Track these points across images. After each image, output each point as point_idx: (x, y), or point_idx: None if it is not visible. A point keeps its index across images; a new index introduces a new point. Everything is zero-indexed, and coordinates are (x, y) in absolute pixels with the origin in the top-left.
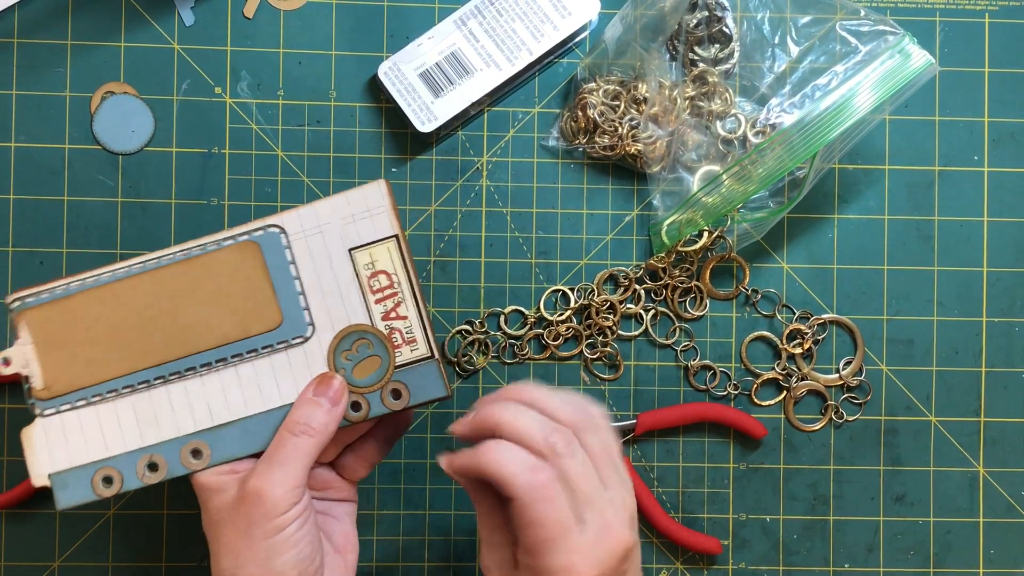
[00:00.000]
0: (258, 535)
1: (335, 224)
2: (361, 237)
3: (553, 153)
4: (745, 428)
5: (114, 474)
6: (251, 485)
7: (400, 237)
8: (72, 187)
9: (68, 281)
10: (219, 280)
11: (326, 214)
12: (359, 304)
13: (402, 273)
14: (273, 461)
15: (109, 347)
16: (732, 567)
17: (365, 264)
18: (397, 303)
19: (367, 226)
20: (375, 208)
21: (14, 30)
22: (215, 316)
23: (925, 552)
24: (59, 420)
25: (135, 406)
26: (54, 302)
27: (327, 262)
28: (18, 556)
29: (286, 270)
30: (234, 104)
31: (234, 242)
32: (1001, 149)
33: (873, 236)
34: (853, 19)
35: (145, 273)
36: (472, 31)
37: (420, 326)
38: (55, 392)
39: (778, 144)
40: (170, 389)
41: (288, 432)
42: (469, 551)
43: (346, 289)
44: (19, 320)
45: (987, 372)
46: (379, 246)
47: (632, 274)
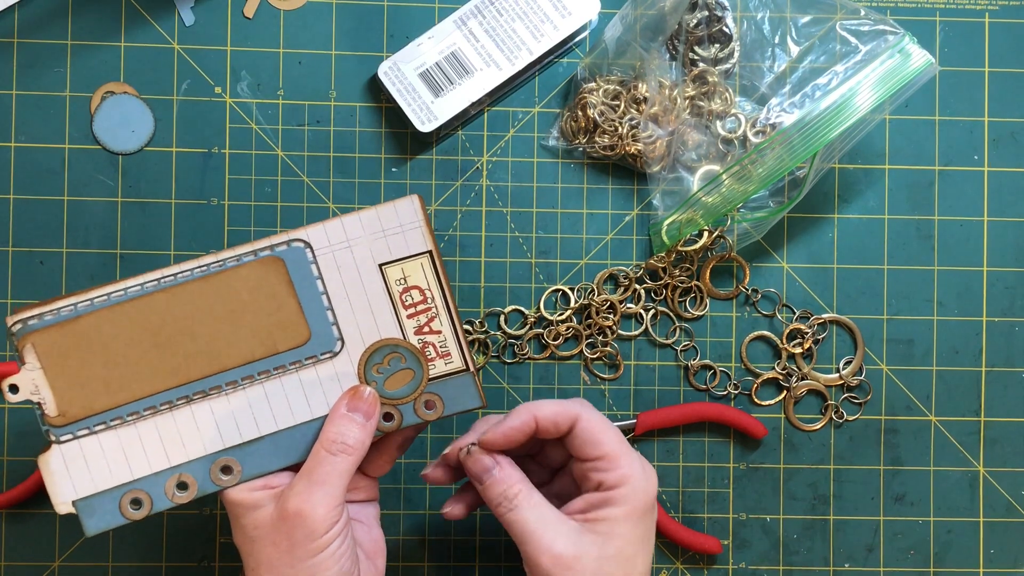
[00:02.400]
0: (301, 555)
1: (364, 239)
2: (392, 252)
3: (553, 153)
4: (745, 428)
5: (143, 496)
6: (292, 506)
7: (434, 252)
8: (72, 187)
9: (75, 300)
10: (241, 297)
11: (355, 229)
12: (390, 318)
13: (436, 289)
14: (313, 481)
15: (126, 368)
16: (732, 567)
17: (397, 279)
18: (431, 318)
19: (398, 241)
20: (407, 224)
21: (14, 30)
22: (238, 334)
23: (925, 552)
24: (77, 445)
25: (158, 427)
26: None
27: (356, 277)
28: (18, 556)
29: (313, 285)
30: (234, 104)
31: (255, 257)
32: (1001, 149)
33: (873, 236)
34: (853, 19)
35: (161, 291)
36: (472, 31)
37: (455, 340)
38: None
39: (778, 144)
40: (194, 408)
41: (325, 451)
42: (469, 551)
43: (376, 304)
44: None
45: (987, 372)
46: (411, 261)
47: (632, 274)
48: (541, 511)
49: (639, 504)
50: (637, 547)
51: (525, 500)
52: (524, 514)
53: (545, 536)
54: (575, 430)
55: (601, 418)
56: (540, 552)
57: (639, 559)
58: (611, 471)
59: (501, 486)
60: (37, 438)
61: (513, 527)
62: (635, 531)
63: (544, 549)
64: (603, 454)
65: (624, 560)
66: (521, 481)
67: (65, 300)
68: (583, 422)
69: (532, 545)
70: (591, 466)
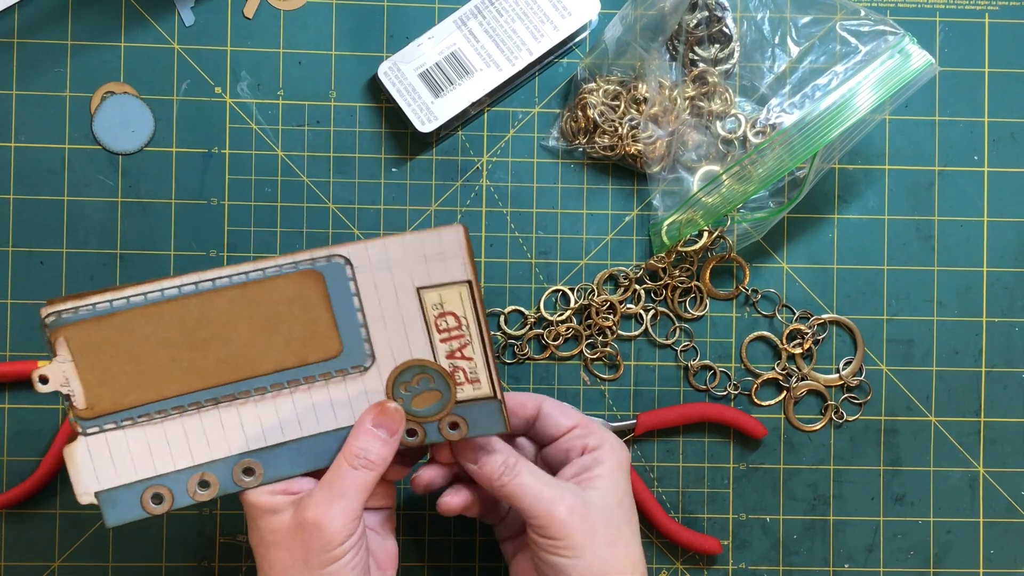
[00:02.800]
0: (315, 564)
1: (405, 262)
2: (431, 278)
3: (553, 153)
4: (745, 428)
5: (164, 492)
6: (311, 516)
7: (473, 283)
8: (72, 187)
9: (111, 297)
10: (277, 307)
11: (396, 251)
12: (423, 340)
13: (472, 318)
14: (333, 492)
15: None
16: (732, 567)
17: (433, 304)
18: (464, 344)
19: (439, 268)
20: (450, 252)
21: (14, 30)
22: (271, 342)
23: (925, 552)
24: (103, 439)
25: (185, 427)
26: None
27: (393, 297)
28: (18, 556)
29: (349, 302)
30: (234, 104)
31: (295, 269)
32: (1001, 149)
33: (873, 236)
34: (853, 19)
35: (197, 295)
36: (472, 31)
37: (485, 368)
38: (99, 411)
39: (778, 144)
40: (222, 411)
41: (348, 464)
42: (469, 551)
43: (411, 325)
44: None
45: (987, 372)
46: (450, 289)
47: (632, 274)
48: (542, 474)
49: (621, 459)
50: (630, 503)
51: (525, 466)
52: (527, 478)
53: (555, 492)
54: (542, 412)
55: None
56: (554, 503)
57: (632, 515)
58: (590, 435)
59: (500, 456)
60: (37, 438)
61: (518, 492)
62: (624, 485)
63: (557, 500)
64: (575, 422)
65: (624, 510)
66: (515, 452)
67: (101, 295)
68: (547, 403)
69: (545, 501)
70: (569, 436)
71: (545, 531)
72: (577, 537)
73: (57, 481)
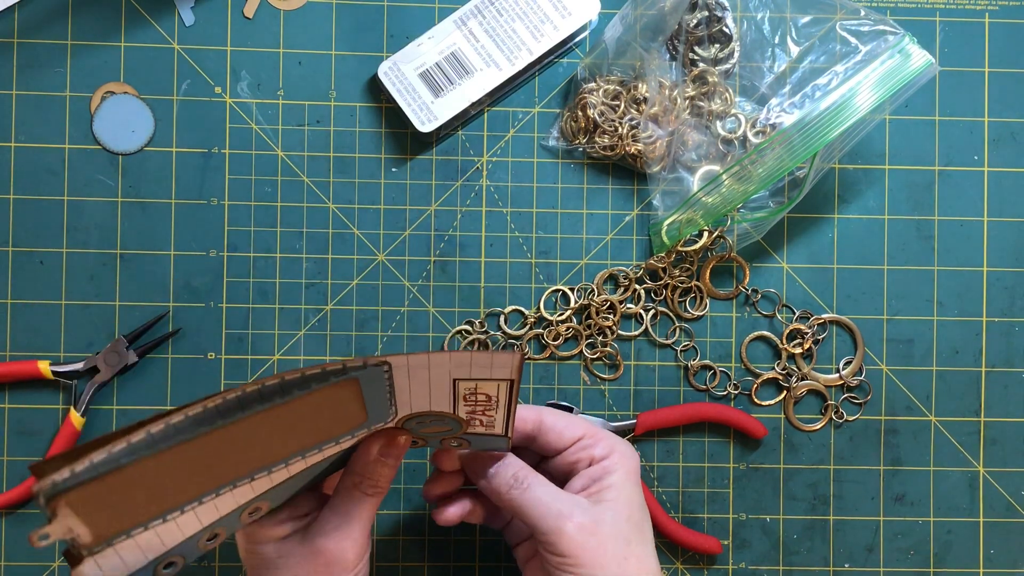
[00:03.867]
0: None
1: (447, 367)
2: (472, 374)
3: (553, 153)
4: (745, 428)
5: (176, 559)
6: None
7: (515, 381)
8: (72, 187)
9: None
10: (306, 420)
11: (441, 362)
12: (446, 403)
13: (503, 404)
14: (350, 519)
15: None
16: (732, 567)
17: (467, 388)
18: (487, 410)
19: (482, 372)
20: (498, 372)
21: (14, 30)
22: (296, 437)
23: (925, 552)
24: (113, 551)
25: (198, 514)
26: (100, 479)
27: (426, 385)
28: (18, 556)
29: (382, 394)
30: (234, 104)
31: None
32: (1001, 149)
33: (873, 236)
34: (853, 19)
35: (217, 430)
36: (472, 31)
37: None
38: (107, 536)
39: (778, 144)
40: (236, 490)
41: (359, 492)
42: (469, 551)
43: (437, 397)
44: (57, 506)
45: (987, 372)
46: (489, 382)
47: (632, 274)
48: (552, 488)
49: (632, 468)
50: (642, 513)
51: (535, 479)
52: (537, 492)
53: (564, 507)
54: (544, 427)
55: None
56: (563, 520)
57: (645, 525)
58: (597, 444)
59: (511, 469)
60: (37, 438)
61: (527, 506)
62: (636, 495)
63: (566, 517)
64: (581, 433)
65: (635, 524)
66: (525, 465)
67: (101, 451)
68: (548, 417)
69: (553, 517)
70: (576, 448)
71: (554, 548)
72: (586, 555)
73: None
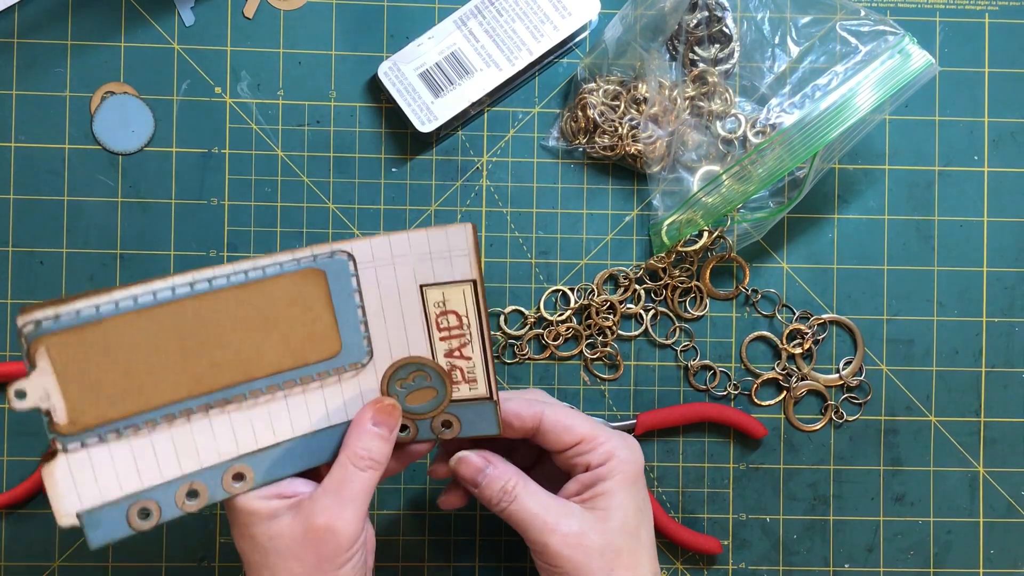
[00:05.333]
0: (327, 568)
1: (409, 258)
2: (436, 276)
3: (553, 153)
4: (745, 428)
5: (151, 506)
6: (323, 521)
7: (478, 282)
8: (72, 187)
9: (97, 302)
10: (277, 307)
11: (401, 247)
12: (422, 338)
13: (474, 316)
14: (343, 497)
15: (146, 376)
16: (732, 567)
17: (436, 301)
18: (463, 344)
19: (444, 266)
20: (456, 251)
21: (14, 30)
22: (269, 343)
23: (925, 552)
24: (86, 455)
25: (173, 436)
26: (80, 328)
27: (395, 293)
28: (18, 556)
29: (350, 298)
30: (234, 104)
31: (297, 267)
32: (1001, 149)
33: (873, 236)
34: (853, 19)
35: (193, 297)
36: (472, 31)
37: (483, 369)
38: (81, 426)
39: (778, 144)
40: (212, 418)
41: (354, 467)
42: (469, 551)
43: (411, 322)
44: (36, 348)
45: (987, 372)
46: (454, 287)
47: (632, 274)
48: (540, 498)
49: (629, 474)
50: (638, 519)
51: (523, 490)
52: (524, 503)
53: (549, 519)
54: (543, 426)
55: (565, 408)
56: (547, 534)
57: (642, 530)
58: (594, 451)
59: (498, 483)
60: (38, 438)
61: (515, 518)
62: (632, 502)
63: (551, 530)
64: (579, 438)
65: (628, 533)
66: (516, 474)
67: (86, 300)
68: (548, 415)
69: (537, 530)
70: (572, 452)
71: (542, 557)
72: (571, 567)
73: None
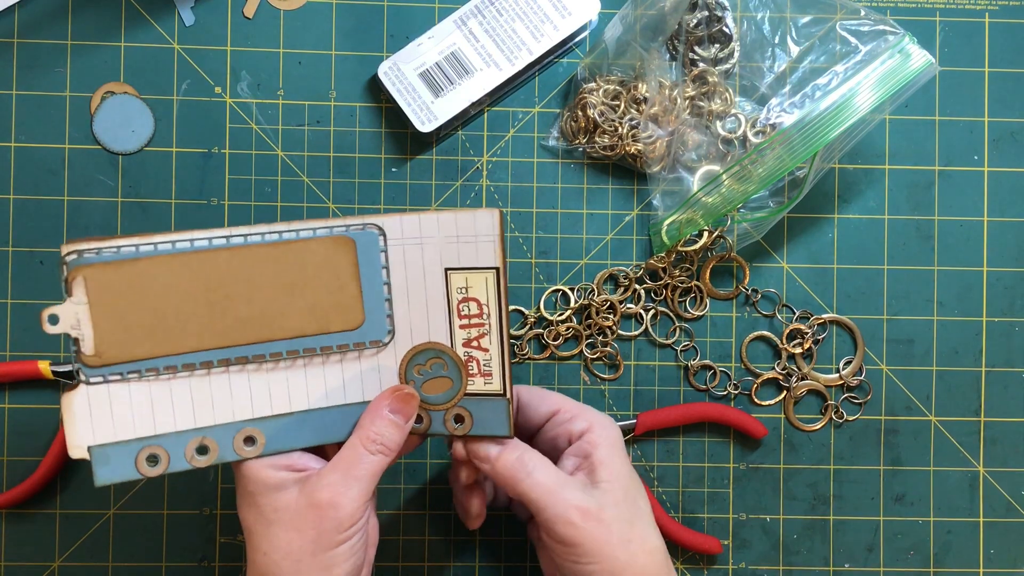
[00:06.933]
0: (325, 544)
1: (437, 240)
2: (461, 260)
3: (553, 153)
4: (745, 428)
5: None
6: (326, 496)
7: (501, 271)
8: (72, 187)
9: (139, 241)
10: (306, 270)
11: (430, 228)
12: (443, 324)
13: (494, 306)
14: (349, 476)
15: (174, 321)
16: (732, 567)
17: (459, 287)
18: (482, 334)
19: (470, 251)
20: (483, 236)
21: (14, 30)
22: (294, 306)
23: (925, 552)
24: (106, 390)
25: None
26: (118, 263)
27: (420, 274)
28: (18, 556)
29: (377, 273)
30: (234, 104)
31: (330, 234)
32: (1001, 149)
33: (873, 236)
34: (853, 19)
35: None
36: (472, 31)
37: (499, 363)
38: (106, 360)
39: (778, 144)
40: (232, 374)
41: (364, 449)
42: (469, 551)
43: (433, 306)
44: (75, 276)
45: (987, 372)
46: (477, 274)
47: (632, 274)
48: (556, 473)
49: (614, 438)
50: (636, 487)
51: (540, 463)
52: (541, 476)
53: (566, 493)
54: (520, 402)
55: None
56: (568, 508)
57: (640, 497)
58: (575, 419)
59: (515, 451)
60: (37, 438)
61: (533, 492)
62: (625, 467)
63: (571, 504)
64: (555, 407)
65: (631, 501)
66: (528, 448)
67: (128, 239)
68: (522, 392)
69: (558, 506)
70: (551, 424)
71: (559, 536)
72: (591, 544)
73: (57, 481)
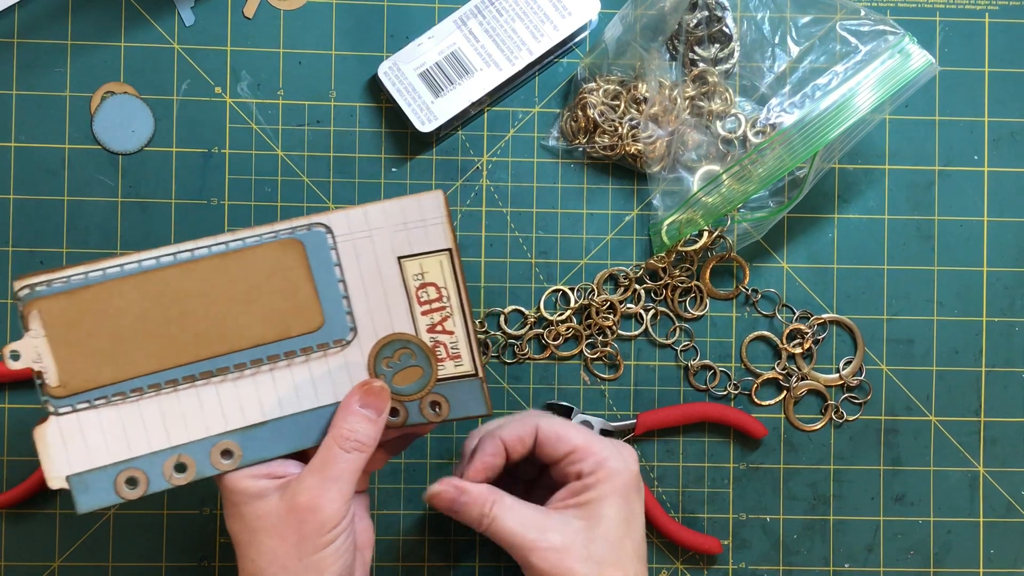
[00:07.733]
0: (308, 549)
1: (386, 230)
2: (412, 247)
3: (553, 153)
4: (745, 428)
5: (139, 475)
6: (305, 500)
7: (454, 251)
8: (72, 187)
9: (87, 269)
10: (257, 277)
11: (377, 218)
12: (405, 313)
13: (452, 288)
14: (327, 477)
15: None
16: (732, 567)
17: (414, 274)
18: (444, 317)
19: (420, 236)
20: (430, 219)
21: (14, 30)
22: (251, 315)
23: (925, 552)
24: (76, 419)
25: (161, 406)
26: (71, 292)
27: (374, 267)
28: (18, 556)
29: (330, 271)
30: (234, 104)
31: (275, 238)
32: (1001, 149)
33: (873, 236)
34: (853, 19)
35: (175, 266)
36: (472, 31)
37: (466, 343)
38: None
39: (778, 144)
40: (199, 389)
41: (339, 448)
42: (469, 551)
43: (392, 297)
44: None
45: (987, 372)
46: (431, 258)
47: (632, 274)
48: (519, 514)
49: (619, 484)
50: (623, 529)
51: (500, 510)
52: (503, 523)
53: (528, 535)
54: (538, 438)
55: (561, 420)
56: (529, 550)
57: (626, 541)
58: (585, 460)
59: (475, 508)
60: None
61: (498, 537)
62: (620, 512)
63: (531, 547)
64: (571, 448)
65: (612, 543)
66: (490, 493)
67: (76, 268)
68: (543, 427)
69: (520, 547)
70: (565, 463)
71: (526, 570)
72: None
73: None
